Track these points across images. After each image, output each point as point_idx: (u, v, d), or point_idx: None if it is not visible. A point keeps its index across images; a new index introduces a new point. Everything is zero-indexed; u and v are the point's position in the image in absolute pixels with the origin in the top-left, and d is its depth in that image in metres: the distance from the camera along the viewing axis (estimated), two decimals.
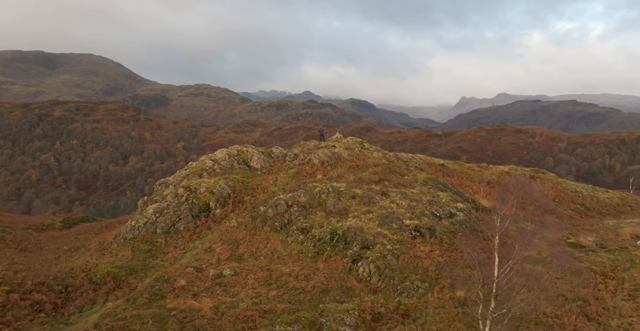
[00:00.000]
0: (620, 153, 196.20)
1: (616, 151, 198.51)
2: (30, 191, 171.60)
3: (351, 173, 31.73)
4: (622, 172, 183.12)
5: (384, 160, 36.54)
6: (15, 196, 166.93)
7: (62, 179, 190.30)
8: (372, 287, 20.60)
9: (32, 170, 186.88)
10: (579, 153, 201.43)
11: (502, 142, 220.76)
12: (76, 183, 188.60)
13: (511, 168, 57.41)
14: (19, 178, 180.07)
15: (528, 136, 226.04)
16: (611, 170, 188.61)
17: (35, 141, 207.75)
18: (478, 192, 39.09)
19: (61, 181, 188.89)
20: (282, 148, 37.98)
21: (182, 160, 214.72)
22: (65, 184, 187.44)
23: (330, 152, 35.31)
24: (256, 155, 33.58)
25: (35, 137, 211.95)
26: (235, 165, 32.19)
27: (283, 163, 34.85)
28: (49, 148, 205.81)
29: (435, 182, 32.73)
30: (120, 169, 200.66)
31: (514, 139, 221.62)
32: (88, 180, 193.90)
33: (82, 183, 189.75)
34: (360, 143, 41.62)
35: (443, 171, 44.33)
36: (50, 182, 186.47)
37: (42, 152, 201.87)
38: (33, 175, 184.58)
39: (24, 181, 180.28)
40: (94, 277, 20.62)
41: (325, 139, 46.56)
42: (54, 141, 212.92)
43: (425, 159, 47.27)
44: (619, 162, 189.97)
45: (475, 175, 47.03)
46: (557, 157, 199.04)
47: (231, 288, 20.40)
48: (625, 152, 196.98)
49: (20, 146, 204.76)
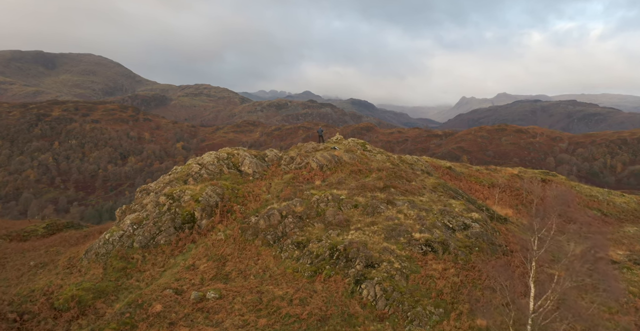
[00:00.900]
0: (621, 153, 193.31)
1: (617, 151, 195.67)
2: (28, 191, 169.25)
3: (353, 179, 28.76)
4: (624, 172, 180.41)
5: (389, 164, 33.58)
6: (14, 196, 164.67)
7: (61, 179, 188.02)
8: (378, 314, 17.74)
9: (30, 171, 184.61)
10: (580, 153, 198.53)
11: (503, 142, 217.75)
12: (75, 183, 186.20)
13: (520, 170, 54.51)
14: (17, 178, 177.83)
15: (529, 136, 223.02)
16: (612, 171, 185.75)
17: (34, 141, 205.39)
18: (490, 198, 36.20)
19: (59, 181, 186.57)
20: (277, 151, 34.92)
21: (182, 160, 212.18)
22: (64, 184, 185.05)
23: (330, 155, 32.32)
24: (248, 159, 30.51)
25: (34, 137, 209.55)
26: (225, 170, 29.21)
27: (278, 168, 31.70)
28: (48, 149, 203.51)
29: (445, 187, 29.82)
30: (119, 169, 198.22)
31: (514, 139, 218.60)
32: (87, 180, 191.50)
33: (80, 183, 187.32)
34: (362, 145, 38.65)
35: (450, 174, 41.40)
36: (48, 182, 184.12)
37: (40, 152, 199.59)
38: (31, 176, 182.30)
39: (22, 181, 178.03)
40: (56, 302, 17.79)
41: (324, 140, 43.66)
42: (52, 141, 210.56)
43: (431, 162, 44.33)
44: (620, 162, 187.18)
45: (485, 178, 44.13)
46: (558, 157, 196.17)
47: (215, 314, 17.57)
48: (626, 152, 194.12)
49: (18, 146, 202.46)
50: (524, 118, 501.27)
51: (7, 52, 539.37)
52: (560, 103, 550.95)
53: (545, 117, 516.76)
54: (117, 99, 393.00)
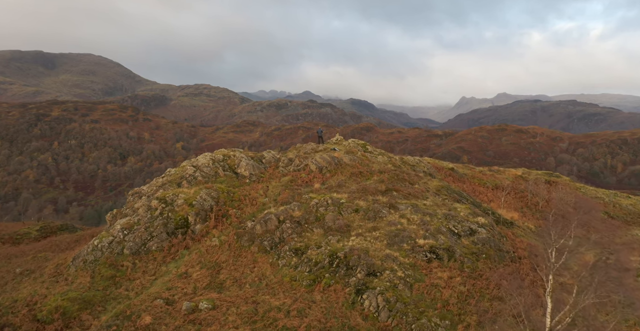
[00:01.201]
0: (622, 154, 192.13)
1: (618, 151, 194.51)
2: (27, 192, 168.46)
3: (353, 182, 27.64)
4: (624, 173, 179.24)
5: (390, 166, 32.48)
6: (13, 197, 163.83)
7: (60, 180, 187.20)
8: (381, 326, 16.71)
9: (29, 171, 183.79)
10: (581, 153, 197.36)
11: (503, 142, 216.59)
12: (74, 183, 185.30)
13: (524, 172, 53.45)
14: (17, 178, 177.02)
15: (529, 136, 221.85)
16: (613, 171, 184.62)
17: (33, 141, 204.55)
18: (494, 200, 35.17)
19: (59, 181, 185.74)
20: (274, 153, 33.49)
21: (181, 160, 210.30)
22: (63, 185, 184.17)
23: (330, 156, 31.09)
24: (244, 161, 29.38)
25: (33, 137, 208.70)
26: (220, 172, 28.04)
27: (276, 170, 30.59)
28: (47, 149, 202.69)
29: (449, 190, 28.75)
30: (119, 169, 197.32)
31: (515, 139, 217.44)
32: (86, 180, 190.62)
33: (80, 183, 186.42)
34: (362, 146, 37.35)
35: (453, 176, 40.36)
36: (47, 182, 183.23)
37: (39, 152, 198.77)
38: (30, 176, 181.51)
39: (22, 182, 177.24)
40: (38, 313, 16.76)
41: (324, 141, 42.38)
42: (51, 141, 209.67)
43: (433, 163, 43.26)
44: (620, 162, 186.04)
45: (488, 180, 43.10)
46: (558, 157, 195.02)
47: (207, 327, 16.53)
48: (627, 152, 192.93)
49: (17, 146, 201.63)
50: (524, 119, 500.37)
51: (7, 52, 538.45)
52: (560, 104, 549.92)
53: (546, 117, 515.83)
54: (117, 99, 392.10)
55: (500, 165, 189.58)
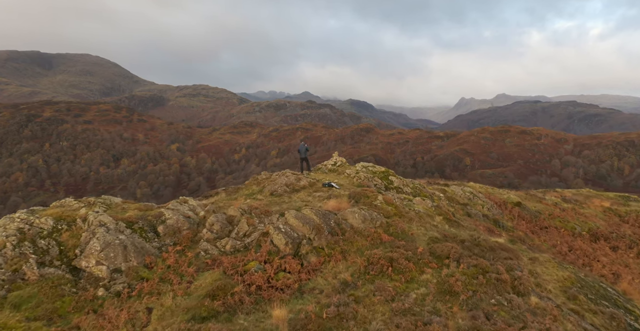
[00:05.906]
0: (629, 155, 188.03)
1: (625, 153, 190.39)
2: (16, 195, 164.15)
3: (375, 288, 9.94)
4: (632, 175, 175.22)
5: (444, 223, 16.58)
6: (1, 200, 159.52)
7: (51, 182, 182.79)
8: None
9: (19, 173, 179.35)
10: (586, 155, 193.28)
11: (507, 144, 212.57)
12: (65, 186, 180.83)
13: (613, 202, 33.78)
14: (5, 181, 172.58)
15: (533, 137, 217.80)
16: (620, 173, 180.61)
17: (24, 143, 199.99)
18: (606, 265, 19.32)
19: (49, 184, 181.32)
20: (196, 203, 15.53)
21: (176, 163, 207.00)
22: (54, 188, 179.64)
23: (318, 213, 13.73)
24: (103, 234, 11.67)
25: (24, 138, 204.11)
26: (29, 272, 10.37)
27: (188, 252, 12.42)
28: (38, 150, 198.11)
29: (587, 288, 12.34)
30: (112, 172, 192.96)
31: (518, 141, 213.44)
32: (78, 183, 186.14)
33: (71, 186, 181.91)
34: (383, 178, 21.56)
35: (524, 217, 25.53)
36: (38, 185, 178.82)
37: (30, 154, 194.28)
38: (20, 178, 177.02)
39: (11, 184, 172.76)
40: None
41: (309, 166, 25.22)
42: (43, 143, 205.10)
43: (485, 193, 29.18)
44: (627, 165, 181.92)
45: (577, 222, 27.03)
46: (563, 160, 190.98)
47: None
48: (634, 154, 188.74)
49: (7, 148, 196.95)
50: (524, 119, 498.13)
51: (4, 52, 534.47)
52: (560, 104, 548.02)
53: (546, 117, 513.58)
54: (114, 100, 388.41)
55: (504, 167, 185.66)
